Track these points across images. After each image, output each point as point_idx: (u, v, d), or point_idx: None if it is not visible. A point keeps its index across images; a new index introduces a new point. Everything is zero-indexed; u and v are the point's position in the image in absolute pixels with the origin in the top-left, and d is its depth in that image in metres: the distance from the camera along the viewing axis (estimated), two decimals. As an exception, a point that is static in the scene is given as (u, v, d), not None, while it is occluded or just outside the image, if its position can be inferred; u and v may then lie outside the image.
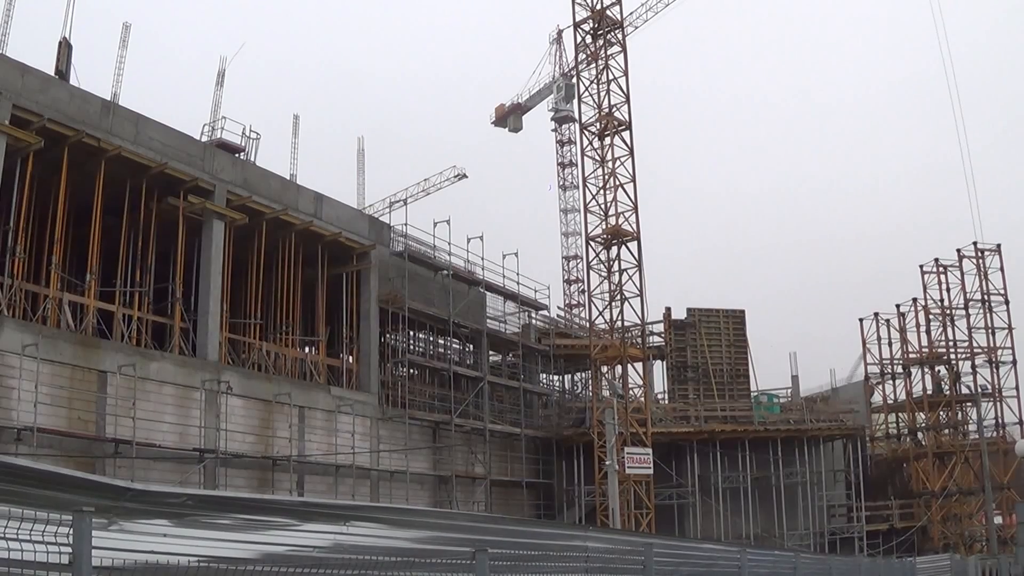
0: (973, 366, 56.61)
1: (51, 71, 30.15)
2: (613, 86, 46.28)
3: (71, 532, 4.90)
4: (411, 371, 46.17)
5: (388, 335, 44.21)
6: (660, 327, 57.73)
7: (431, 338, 48.88)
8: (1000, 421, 56.30)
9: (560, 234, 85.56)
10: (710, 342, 57.73)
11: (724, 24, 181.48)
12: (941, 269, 57.49)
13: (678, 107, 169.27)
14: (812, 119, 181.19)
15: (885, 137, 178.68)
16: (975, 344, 56.81)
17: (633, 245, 45.53)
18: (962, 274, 57.30)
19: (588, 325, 49.67)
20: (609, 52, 46.65)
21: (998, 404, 56.36)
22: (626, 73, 46.45)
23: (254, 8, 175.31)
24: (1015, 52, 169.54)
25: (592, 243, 46.51)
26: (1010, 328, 56.85)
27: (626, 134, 46.01)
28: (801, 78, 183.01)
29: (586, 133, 47.02)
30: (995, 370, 56.45)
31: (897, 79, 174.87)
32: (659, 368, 58.29)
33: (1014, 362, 56.65)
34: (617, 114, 46.05)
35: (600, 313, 46.26)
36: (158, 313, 33.95)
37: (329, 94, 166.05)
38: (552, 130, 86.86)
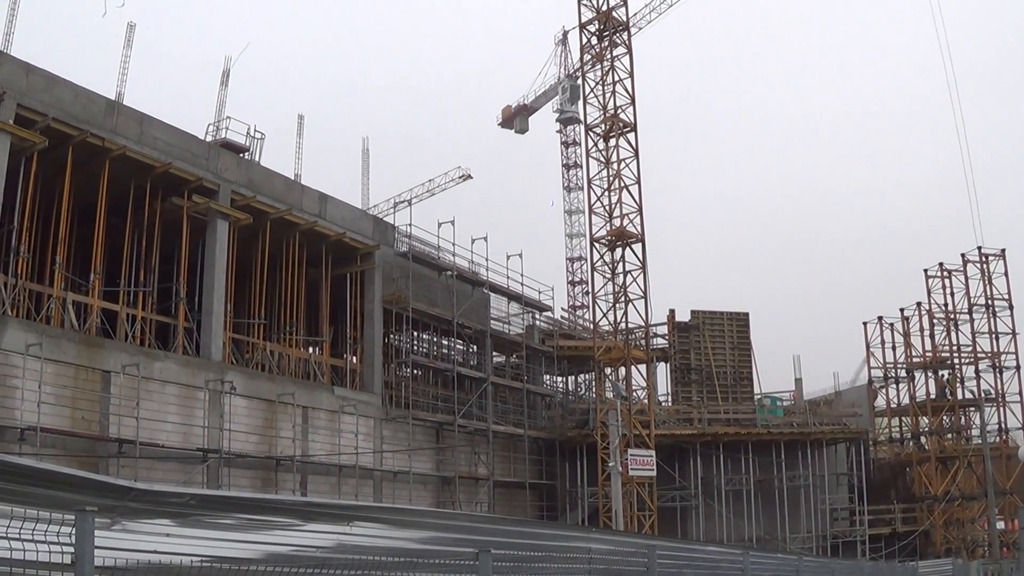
0: (976, 370, 56.53)
1: (55, 70, 30.06)
2: (619, 87, 46.29)
3: (73, 532, 4.89)
4: (415, 372, 46.16)
5: (392, 335, 44.21)
6: (664, 329, 57.72)
7: (435, 339, 48.85)
8: (1003, 426, 56.23)
9: (564, 235, 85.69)
10: (714, 344, 57.73)
11: (731, 28, 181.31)
12: (945, 273, 57.42)
13: (684, 110, 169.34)
14: (818, 123, 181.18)
15: (891, 141, 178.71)
16: (979, 348, 56.75)
17: (637, 247, 45.52)
18: (966, 278, 57.23)
19: (592, 327, 49.67)
20: (615, 53, 46.64)
21: (1001, 409, 56.32)
22: (631, 75, 46.47)
23: (259, 8, 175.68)
24: None
25: (596, 245, 46.49)
26: (1014, 333, 56.81)
27: (631, 136, 45.97)
28: (807, 82, 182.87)
29: (591, 134, 47.01)
30: (998, 375, 56.40)
31: (904, 84, 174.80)
32: (663, 370, 58.26)
33: (1018, 367, 56.57)
34: (622, 116, 46.04)
35: (604, 315, 46.25)
36: (162, 313, 33.96)
37: (334, 95, 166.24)
38: (557, 131, 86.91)
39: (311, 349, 42.00)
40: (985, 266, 57.14)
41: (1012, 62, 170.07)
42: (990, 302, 56.90)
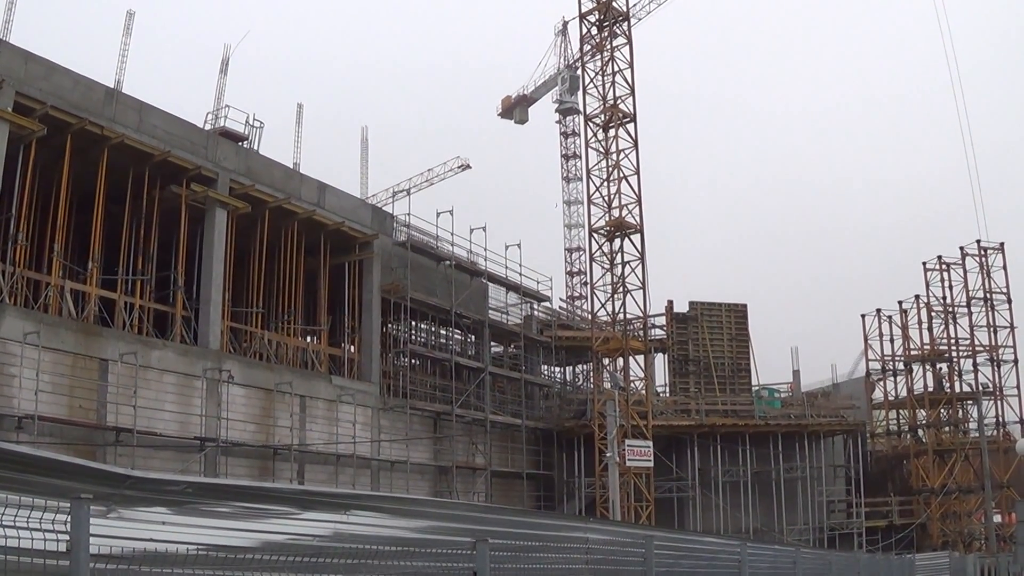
0: (974, 364, 56.64)
1: (54, 58, 30.01)
2: (618, 78, 46.25)
3: (69, 519, 4.86)
4: (413, 361, 46.15)
5: (390, 325, 44.20)
6: (662, 320, 57.78)
7: (433, 328, 48.84)
8: (1000, 419, 56.37)
9: (563, 226, 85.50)
10: (712, 336, 57.78)
11: (732, 19, 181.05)
12: (944, 266, 57.41)
13: (684, 101, 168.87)
14: (819, 115, 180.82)
15: (893, 134, 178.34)
16: (977, 342, 56.85)
17: (636, 237, 45.55)
18: (965, 271, 57.27)
19: (590, 317, 49.68)
20: (614, 44, 46.59)
21: (999, 402, 56.46)
22: (631, 65, 46.43)
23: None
24: None
25: (595, 235, 46.50)
26: (1012, 326, 56.87)
27: (630, 126, 45.98)
28: (808, 74, 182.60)
29: (590, 125, 46.97)
30: (996, 368, 56.49)
31: (907, 76, 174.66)
32: (660, 361, 58.36)
33: (1015, 360, 56.69)
34: (622, 106, 46.01)
35: (602, 305, 46.27)
36: (160, 301, 33.94)
37: (333, 84, 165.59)
38: (556, 122, 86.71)
39: (309, 338, 42.01)
40: (984, 260, 57.17)
41: (1016, 55, 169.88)
42: (988, 296, 56.94)
